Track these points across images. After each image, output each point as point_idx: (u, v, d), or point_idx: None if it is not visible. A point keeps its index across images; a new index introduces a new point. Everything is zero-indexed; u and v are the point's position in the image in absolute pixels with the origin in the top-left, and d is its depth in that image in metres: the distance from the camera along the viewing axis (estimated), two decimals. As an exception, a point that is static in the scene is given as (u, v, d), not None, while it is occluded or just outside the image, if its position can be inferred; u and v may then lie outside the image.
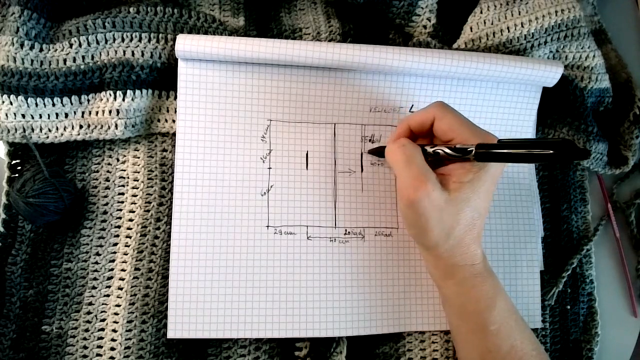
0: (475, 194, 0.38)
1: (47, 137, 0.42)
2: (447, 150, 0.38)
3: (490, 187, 0.39)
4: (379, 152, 0.45)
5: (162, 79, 0.44)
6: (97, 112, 0.43)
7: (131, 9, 0.43)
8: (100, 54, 0.42)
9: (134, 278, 0.42)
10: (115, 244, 0.43)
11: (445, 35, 0.49)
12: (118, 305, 0.41)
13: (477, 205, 0.38)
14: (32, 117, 0.42)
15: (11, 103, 0.41)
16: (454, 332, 0.42)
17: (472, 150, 0.37)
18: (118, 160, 0.45)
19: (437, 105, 0.40)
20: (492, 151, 0.36)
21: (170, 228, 0.42)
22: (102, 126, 0.43)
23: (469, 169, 0.38)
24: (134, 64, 0.42)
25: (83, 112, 0.43)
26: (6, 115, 0.41)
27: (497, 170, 0.39)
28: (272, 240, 0.43)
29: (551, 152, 0.33)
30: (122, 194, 0.44)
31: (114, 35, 0.42)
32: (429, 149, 0.39)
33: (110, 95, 0.42)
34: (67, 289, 0.42)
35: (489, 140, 0.37)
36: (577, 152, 0.32)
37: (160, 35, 0.43)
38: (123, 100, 0.42)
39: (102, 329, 0.41)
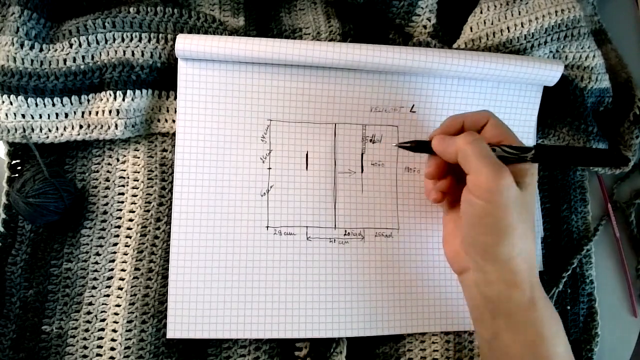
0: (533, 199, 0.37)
1: (47, 137, 0.42)
2: (506, 148, 0.37)
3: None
4: (416, 147, 0.41)
5: (162, 79, 0.44)
6: (97, 112, 0.43)
7: (131, 9, 0.43)
8: (100, 54, 0.42)
9: (134, 278, 0.42)
10: (115, 244, 0.43)
11: (445, 35, 0.49)
12: (118, 305, 0.41)
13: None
14: (32, 117, 0.42)
15: (11, 103, 0.41)
16: None
17: (532, 150, 0.36)
18: (118, 160, 0.45)
19: (488, 112, 0.39)
20: (550, 152, 0.37)
21: (170, 228, 0.42)
22: (102, 126, 0.43)
23: (527, 170, 0.36)
24: (134, 64, 0.42)
25: (83, 112, 0.43)
26: (6, 115, 0.41)
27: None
28: (272, 240, 0.43)
29: (601, 157, 0.39)
30: (122, 194, 0.44)
31: (114, 35, 0.42)
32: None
33: (110, 95, 0.42)
34: (67, 289, 0.42)
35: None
36: (619, 158, 0.39)
37: (160, 35, 0.43)
38: (123, 100, 0.42)
39: (102, 329, 0.41)
